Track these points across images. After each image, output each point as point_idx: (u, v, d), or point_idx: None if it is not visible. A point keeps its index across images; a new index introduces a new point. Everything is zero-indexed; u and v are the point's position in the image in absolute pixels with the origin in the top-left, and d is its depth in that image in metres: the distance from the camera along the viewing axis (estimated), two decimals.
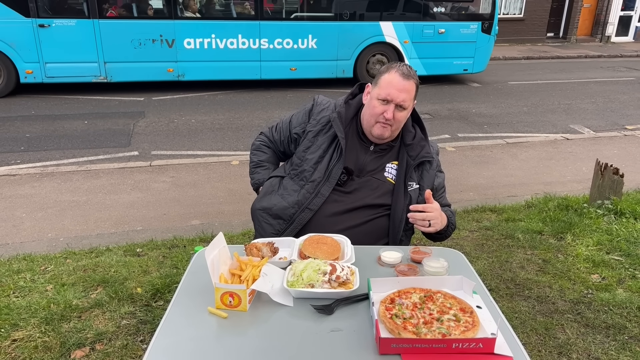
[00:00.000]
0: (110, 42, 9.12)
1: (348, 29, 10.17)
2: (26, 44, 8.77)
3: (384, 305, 1.54)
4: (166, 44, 9.39)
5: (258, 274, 1.65)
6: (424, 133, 2.35)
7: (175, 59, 9.53)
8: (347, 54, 10.31)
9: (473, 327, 1.44)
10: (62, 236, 4.21)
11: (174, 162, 6.00)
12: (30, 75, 8.97)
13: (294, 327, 1.53)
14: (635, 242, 3.87)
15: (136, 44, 9.25)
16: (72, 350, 2.63)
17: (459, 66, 11.01)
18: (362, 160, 2.24)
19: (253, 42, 9.78)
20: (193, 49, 9.55)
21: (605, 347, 2.78)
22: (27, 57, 8.88)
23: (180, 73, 9.66)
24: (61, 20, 8.80)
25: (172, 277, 3.33)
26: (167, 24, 9.30)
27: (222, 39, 9.63)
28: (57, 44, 8.90)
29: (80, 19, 8.91)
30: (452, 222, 2.26)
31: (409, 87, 2.11)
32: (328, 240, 1.90)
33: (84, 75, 9.27)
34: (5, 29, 8.60)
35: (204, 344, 1.45)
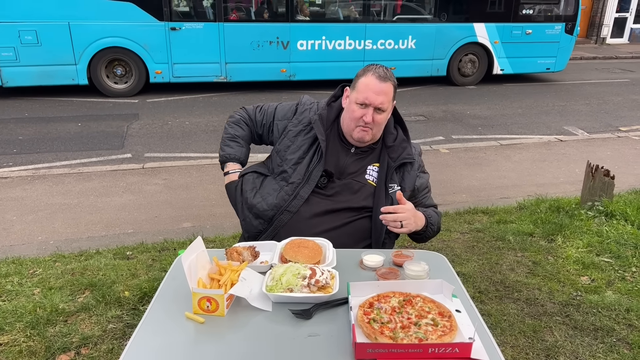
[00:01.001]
0: (232, 43, 9.63)
1: (444, 30, 10.74)
2: (158, 46, 9.30)
3: (363, 309, 1.53)
4: (281, 46, 9.88)
5: (237, 278, 1.64)
6: (406, 134, 2.34)
7: (289, 59, 10.01)
8: (442, 53, 10.86)
9: (450, 331, 1.43)
10: (53, 239, 4.19)
11: (166, 165, 5.99)
12: (159, 75, 9.49)
13: (272, 332, 1.52)
14: (625, 244, 3.87)
15: (255, 46, 9.75)
16: (57, 355, 2.62)
17: (542, 65, 11.57)
18: (343, 163, 2.23)
19: (358, 43, 10.31)
20: (305, 50, 10.06)
21: (593, 350, 2.78)
22: (158, 58, 9.38)
23: (292, 73, 10.15)
24: (190, 23, 9.37)
25: (160, 280, 3.27)
26: (283, 27, 9.83)
27: (331, 40, 10.16)
28: (185, 45, 9.43)
29: (207, 22, 9.45)
30: (433, 222, 2.23)
31: (386, 89, 2.10)
32: (309, 244, 1.90)
33: (206, 75, 9.78)
34: (141, 31, 9.15)
35: (180, 350, 1.44)
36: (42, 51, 8.78)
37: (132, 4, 8.97)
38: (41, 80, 9.06)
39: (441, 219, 2.37)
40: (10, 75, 8.86)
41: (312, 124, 2.24)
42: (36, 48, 8.74)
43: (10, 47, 8.62)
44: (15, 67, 8.79)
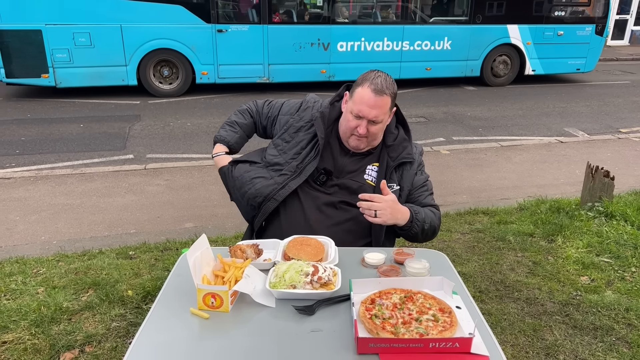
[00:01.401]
0: (275, 45, 9.91)
1: (479, 32, 11.00)
2: (205, 48, 9.58)
3: (364, 305, 1.56)
4: (322, 47, 10.16)
5: (241, 275, 1.67)
6: (408, 134, 2.35)
7: (329, 60, 10.30)
8: (476, 54, 11.15)
9: (451, 327, 1.46)
10: (56, 239, 4.22)
11: (168, 165, 6.02)
12: (205, 76, 9.78)
13: (276, 328, 1.54)
14: (624, 245, 3.89)
15: (297, 47, 10.02)
16: (61, 353, 2.65)
17: (573, 66, 11.81)
18: (341, 162, 2.25)
19: (396, 45, 10.60)
20: (344, 51, 10.35)
21: (592, 349, 2.80)
22: (204, 60, 9.67)
23: (331, 74, 10.42)
24: (236, 25, 9.66)
25: (163, 279, 3.33)
26: (325, 29, 10.13)
27: (370, 42, 10.43)
28: (230, 47, 9.70)
29: (252, 24, 9.73)
30: (420, 219, 2.17)
31: (381, 103, 2.09)
32: (312, 242, 1.92)
33: (250, 76, 10.07)
34: (189, 33, 9.44)
35: (186, 344, 1.47)
36: (95, 53, 9.07)
37: (180, 6, 9.26)
38: (93, 81, 9.34)
39: (440, 221, 2.33)
40: (63, 76, 9.11)
41: (313, 121, 2.26)
42: (89, 50, 9.02)
43: (64, 48, 8.87)
44: (69, 68, 9.05)
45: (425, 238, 2.28)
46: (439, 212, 2.36)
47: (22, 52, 8.74)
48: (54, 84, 9.11)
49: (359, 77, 2.18)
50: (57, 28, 8.74)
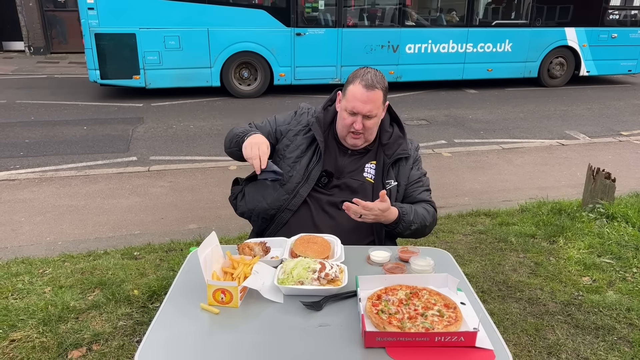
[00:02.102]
0: (348, 47, 10.27)
1: (538, 34, 11.32)
2: (283, 50, 9.95)
3: (371, 301, 1.59)
4: (392, 49, 10.53)
5: (250, 271, 1.70)
6: (402, 131, 2.40)
7: (397, 62, 10.65)
8: (535, 56, 11.47)
9: (456, 321, 1.49)
10: (61, 240, 4.25)
11: (172, 167, 6.06)
12: (283, 77, 10.15)
13: (284, 323, 1.58)
14: (626, 246, 3.92)
15: (368, 50, 10.39)
16: (69, 351, 2.68)
17: (625, 67, 12.10)
18: (341, 163, 2.31)
19: (460, 47, 10.94)
20: (412, 53, 10.69)
21: (594, 348, 2.82)
22: (283, 62, 10.03)
23: (399, 75, 10.75)
24: (313, 29, 10.03)
25: (168, 279, 3.37)
26: (395, 32, 10.52)
27: (436, 44, 10.78)
28: (307, 50, 10.06)
29: (328, 28, 10.12)
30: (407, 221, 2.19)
31: (373, 97, 2.15)
32: (318, 240, 1.96)
33: (323, 77, 10.38)
34: (269, 36, 9.81)
35: (197, 339, 1.50)
36: (183, 55, 9.41)
37: (264, 11, 9.73)
38: (179, 82, 9.66)
39: (434, 218, 2.35)
40: (153, 77, 9.44)
41: (310, 125, 2.32)
42: (178, 52, 9.37)
43: (155, 51, 9.25)
44: (159, 70, 9.40)
45: (414, 236, 2.32)
46: (433, 209, 2.37)
47: (117, 54, 9.11)
48: (144, 84, 9.44)
49: (349, 76, 2.25)
50: (150, 32, 9.13)
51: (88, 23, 8.79)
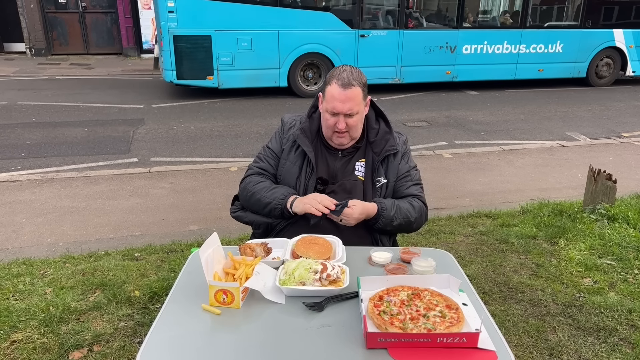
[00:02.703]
0: (408, 48, 10.63)
1: (588, 35, 11.67)
2: (348, 51, 10.29)
3: (373, 302, 1.59)
4: (449, 50, 10.88)
5: (251, 272, 1.70)
6: (388, 126, 2.41)
7: (454, 62, 11.01)
8: (583, 56, 11.81)
9: (458, 322, 1.49)
10: (62, 241, 4.25)
11: (172, 169, 6.06)
12: None
13: (285, 323, 1.58)
14: (627, 247, 3.92)
15: (427, 50, 10.74)
16: (70, 352, 2.68)
17: None
18: (333, 167, 2.34)
19: (514, 48, 11.28)
20: (469, 53, 11.06)
21: (595, 349, 2.82)
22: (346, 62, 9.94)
23: (455, 75, 11.11)
24: (376, 31, 10.45)
25: (169, 280, 3.37)
26: (452, 33, 10.93)
27: (491, 45, 11.15)
28: (369, 50, 10.40)
29: (390, 29, 10.50)
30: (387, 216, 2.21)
31: (351, 95, 2.15)
32: (320, 241, 1.96)
33: (383, 77, 10.69)
34: (335, 38, 10.20)
35: (198, 339, 1.50)
36: (254, 56, 9.78)
37: (331, 13, 10.13)
38: (249, 83, 10.00)
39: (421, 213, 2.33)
40: (225, 78, 9.78)
41: (297, 140, 2.33)
42: (249, 54, 9.73)
43: (228, 52, 9.60)
44: (231, 71, 9.74)
45: (399, 231, 2.34)
46: (421, 204, 2.35)
47: (193, 55, 9.42)
48: (216, 85, 9.75)
49: (327, 76, 2.26)
50: (224, 34, 9.47)
51: (167, 25, 9.13)
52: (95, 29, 15.90)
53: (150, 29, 15.67)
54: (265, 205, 2.27)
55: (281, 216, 2.26)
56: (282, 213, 2.24)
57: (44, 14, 15.18)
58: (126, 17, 15.63)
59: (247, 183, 2.38)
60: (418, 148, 6.88)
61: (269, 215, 2.29)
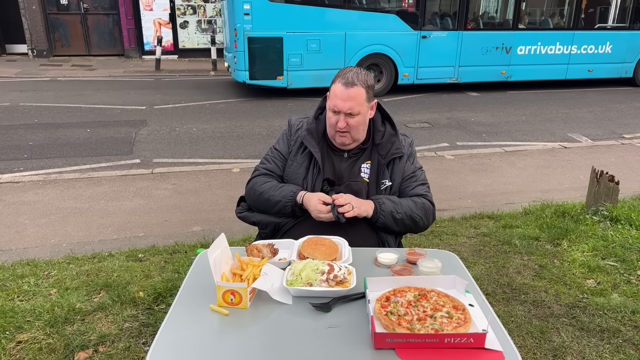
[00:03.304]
0: (467, 49, 11.05)
1: (636, 37, 12.06)
2: (409, 52, 10.72)
3: (380, 303, 1.59)
4: (504, 51, 11.27)
5: (258, 273, 1.71)
6: (394, 129, 2.42)
7: (509, 63, 11.39)
8: (631, 57, 12.20)
9: (465, 323, 1.50)
10: (65, 242, 4.26)
11: (175, 170, 6.07)
12: (406, 77, 10.90)
13: (293, 324, 1.58)
14: (630, 248, 3.92)
15: (484, 51, 11.15)
16: (75, 352, 2.68)
17: None
18: (339, 169, 2.36)
19: (566, 49, 11.67)
20: (523, 54, 11.43)
21: (599, 350, 2.82)
22: (407, 63, 10.80)
23: (509, 75, 11.50)
24: (437, 32, 10.85)
25: (173, 281, 3.38)
26: (509, 34, 11.29)
27: (544, 45, 11.52)
28: (429, 51, 10.82)
29: (450, 31, 10.91)
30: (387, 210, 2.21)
31: (353, 94, 2.17)
32: (326, 242, 1.97)
33: (442, 77, 11.17)
34: (398, 39, 10.57)
35: (207, 340, 1.51)
36: (321, 57, 10.17)
37: (395, 15, 10.53)
38: (315, 83, 10.20)
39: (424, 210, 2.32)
40: (294, 78, 10.19)
41: (303, 140, 2.36)
42: (317, 55, 10.14)
43: (298, 54, 10.02)
44: (299, 71, 10.16)
45: (405, 229, 2.31)
46: (426, 202, 2.35)
47: (265, 56, 9.83)
48: (285, 85, 10.16)
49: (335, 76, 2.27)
50: (295, 35, 9.89)
51: (243, 27, 9.54)
52: (96, 31, 15.94)
53: (151, 31, 15.73)
54: (275, 204, 2.29)
55: (292, 214, 2.28)
56: (292, 211, 2.26)
57: (45, 16, 15.22)
58: (128, 18, 15.66)
59: (254, 183, 2.41)
60: (420, 149, 6.89)
61: (279, 214, 2.32)
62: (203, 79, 12.86)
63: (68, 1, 15.41)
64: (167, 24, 15.95)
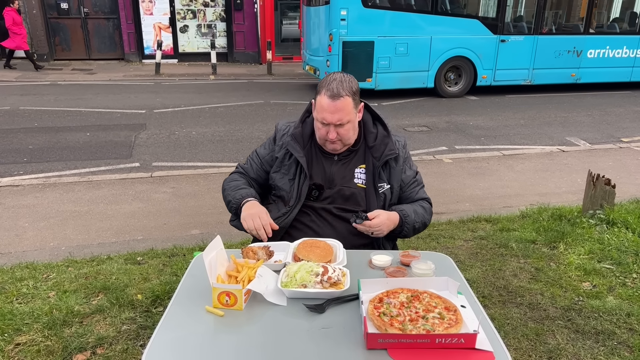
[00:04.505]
0: (541, 52, 11.60)
1: None
2: (488, 55, 11.32)
3: (373, 304, 1.62)
4: (575, 54, 11.83)
5: (254, 275, 1.73)
6: (386, 129, 2.39)
7: (579, 65, 11.93)
8: None
9: (456, 324, 1.52)
10: (64, 245, 4.28)
11: (174, 173, 6.10)
12: (484, 79, 11.50)
13: (287, 325, 1.61)
14: (626, 251, 3.94)
15: (557, 54, 11.71)
16: (73, 354, 2.70)
17: None
18: (330, 171, 2.32)
19: (632, 52, 12.21)
20: (592, 57, 11.96)
21: (594, 352, 2.84)
22: (486, 65, 11.41)
23: (578, 77, 12.02)
24: (515, 36, 11.40)
25: (172, 284, 3.40)
26: (580, 39, 11.82)
27: (612, 49, 12.06)
28: (507, 54, 11.40)
29: (527, 35, 11.46)
30: (409, 221, 2.26)
31: (340, 106, 2.13)
32: (321, 244, 1.99)
33: (517, 79, 11.74)
34: (479, 43, 11.19)
35: (202, 340, 1.53)
36: (407, 60, 10.75)
37: (477, 20, 11.14)
38: (400, 84, 10.93)
39: (431, 214, 2.42)
40: (382, 80, 10.74)
41: (287, 146, 2.33)
42: (404, 58, 10.70)
43: (387, 56, 10.59)
44: (386, 73, 10.72)
45: (416, 233, 2.37)
46: (429, 205, 2.42)
47: (357, 59, 10.37)
48: (373, 86, 10.67)
49: (318, 84, 2.24)
50: (385, 40, 10.46)
51: (339, 32, 10.14)
52: (97, 35, 16.00)
53: (151, 35, 15.78)
54: (227, 203, 2.38)
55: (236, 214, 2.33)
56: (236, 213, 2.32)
57: (46, 20, 15.28)
58: (128, 22, 15.71)
59: (225, 180, 2.49)
60: (418, 153, 6.92)
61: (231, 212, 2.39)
62: (203, 83, 12.89)
63: (69, 5, 15.47)
64: (167, 28, 16.01)
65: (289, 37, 17.18)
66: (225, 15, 16.31)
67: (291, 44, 17.16)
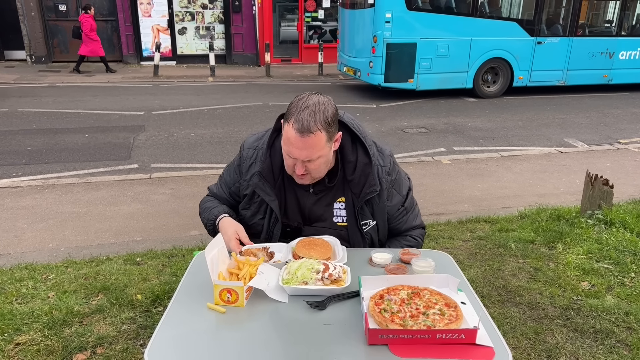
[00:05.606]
0: (575, 54, 11.87)
1: None
2: (525, 57, 11.58)
3: (374, 300, 1.62)
4: (608, 56, 12.12)
5: (255, 272, 1.74)
6: (367, 154, 2.05)
7: (611, 67, 12.24)
8: None
9: (456, 320, 1.53)
10: (63, 246, 4.28)
11: (173, 175, 6.10)
12: (521, 80, 11.75)
13: (289, 321, 1.61)
14: (624, 251, 3.96)
15: (590, 56, 11.97)
16: (73, 354, 2.70)
17: None
18: (304, 205, 2.12)
19: None
20: (624, 59, 12.30)
21: (593, 351, 2.85)
22: (523, 67, 11.67)
23: (610, 78, 12.33)
24: (550, 38, 11.69)
25: (171, 284, 3.41)
26: (613, 41, 12.16)
27: None
28: (542, 56, 11.67)
29: (562, 37, 11.75)
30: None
31: (310, 143, 1.82)
32: (319, 242, 1.99)
33: (551, 80, 12.01)
34: (516, 45, 11.45)
35: (204, 337, 1.54)
36: (448, 61, 11.00)
37: (515, 22, 11.51)
38: (440, 85, 11.16)
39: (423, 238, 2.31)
40: (423, 80, 10.96)
41: (255, 189, 2.09)
42: (445, 59, 10.95)
43: (428, 58, 10.82)
44: (427, 74, 10.94)
45: None
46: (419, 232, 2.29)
47: (400, 61, 10.62)
48: (414, 87, 10.92)
49: (289, 104, 1.90)
50: (427, 42, 10.71)
51: (383, 34, 10.35)
52: None
53: (150, 37, 15.79)
54: (205, 226, 2.29)
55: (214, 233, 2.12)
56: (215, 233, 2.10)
57: (44, 22, 15.27)
58: (126, 24, 15.71)
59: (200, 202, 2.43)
60: (417, 154, 6.93)
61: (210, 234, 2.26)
62: (201, 84, 12.90)
63: (67, 7, 15.47)
64: (165, 30, 16.01)
65: (287, 39, 17.20)
66: (224, 17, 16.32)
67: (289, 45, 17.19)
